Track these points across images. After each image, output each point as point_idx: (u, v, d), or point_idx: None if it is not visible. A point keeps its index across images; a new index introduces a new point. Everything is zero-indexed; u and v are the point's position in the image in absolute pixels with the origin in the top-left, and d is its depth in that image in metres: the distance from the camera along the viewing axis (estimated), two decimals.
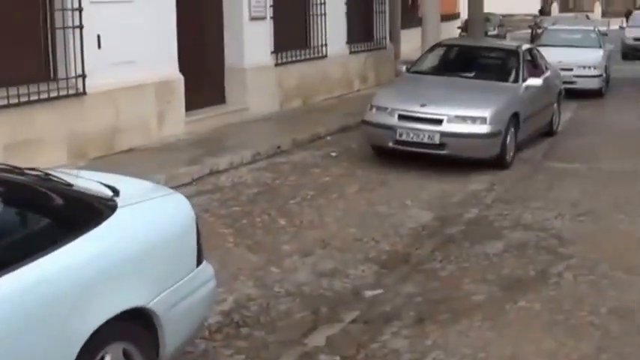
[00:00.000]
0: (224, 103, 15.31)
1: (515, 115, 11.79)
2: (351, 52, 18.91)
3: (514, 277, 7.23)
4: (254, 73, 15.33)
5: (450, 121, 11.10)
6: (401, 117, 11.33)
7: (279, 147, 12.63)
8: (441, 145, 11.07)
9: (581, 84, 19.28)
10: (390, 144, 11.37)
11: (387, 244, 8.18)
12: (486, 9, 58.08)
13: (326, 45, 17.71)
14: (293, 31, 16.99)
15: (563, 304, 6.56)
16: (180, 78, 13.06)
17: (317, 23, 17.61)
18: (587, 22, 27.58)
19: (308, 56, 17.19)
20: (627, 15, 42.46)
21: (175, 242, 4.83)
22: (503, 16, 58.76)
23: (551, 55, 19.83)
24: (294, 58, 16.68)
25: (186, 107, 13.30)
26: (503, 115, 11.45)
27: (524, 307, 6.51)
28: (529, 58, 13.81)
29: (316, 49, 17.58)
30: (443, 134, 11.03)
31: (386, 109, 11.55)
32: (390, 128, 11.31)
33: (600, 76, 19.63)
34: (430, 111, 11.23)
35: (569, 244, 8.16)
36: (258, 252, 7.90)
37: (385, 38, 20.79)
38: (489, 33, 39.33)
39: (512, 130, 11.68)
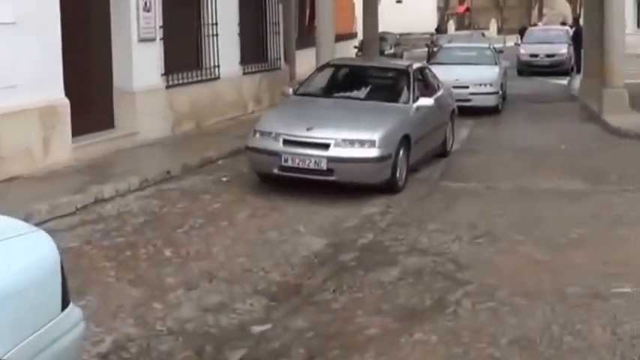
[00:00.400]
0: (113, 127, 14.76)
1: (407, 137, 11.26)
2: (244, 73, 18.51)
3: (410, 307, 6.87)
4: (144, 95, 14.81)
5: (337, 145, 10.52)
6: (286, 142, 10.71)
7: (168, 172, 12.12)
8: (329, 171, 10.49)
9: (478, 101, 19.31)
10: (276, 170, 10.74)
11: (278, 275, 7.75)
12: (383, 28, 58.52)
13: (218, 66, 17.31)
14: (184, 53, 16.54)
15: (462, 335, 6.21)
16: (66, 102, 12.44)
17: (209, 44, 17.20)
18: (482, 40, 27.85)
19: (200, 78, 16.75)
20: (522, 32, 43.22)
21: (35, 286, 4.33)
22: (400, 34, 59.43)
23: (447, 73, 19.88)
24: (185, 80, 16.21)
25: (73, 132, 12.65)
26: (394, 138, 10.91)
27: (420, 340, 6.14)
28: (420, 77, 13.44)
29: (209, 71, 17.16)
30: (330, 159, 10.44)
31: (270, 133, 10.92)
32: (275, 154, 10.69)
33: (496, 93, 19.70)
34: (316, 135, 10.66)
35: (467, 268, 7.84)
36: (141, 286, 7.40)
37: (279, 59, 20.47)
38: (386, 52, 39.52)
39: (404, 152, 11.15)
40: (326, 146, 10.50)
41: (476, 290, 7.25)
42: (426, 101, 12.08)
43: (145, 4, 14.86)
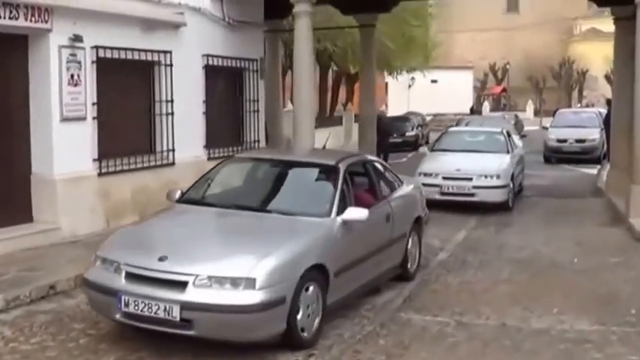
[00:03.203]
0: (31, 221, 12.29)
1: (320, 269, 7.88)
2: (210, 158, 15.83)
3: None
4: (67, 184, 12.49)
5: (199, 284, 7.11)
6: (130, 276, 7.38)
7: (52, 287, 9.51)
8: (185, 323, 7.07)
9: (483, 196, 16.48)
10: (118, 317, 7.40)
11: None
12: (415, 108, 56.47)
13: (173, 150, 14.75)
14: (129, 134, 14.10)
15: None
16: None
17: (162, 124, 14.66)
18: (501, 123, 24.86)
19: (148, 164, 14.18)
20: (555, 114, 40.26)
21: None
22: (435, 115, 57.18)
23: (448, 162, 17.31)
24: (127, 167, 13.69)
25: None
26: (291, 272, 7.43)
27: None
28: (361, 176, 10.13)
29: (161, 155, 14.60)
30: (186, 306, 7.02)
31: (112, 263, 7.60)
32: (114, 294, 7.35)
33: (505, 186, 16.72)
34: (170, 268, 7.25)
35: None
36: None
37: (258, 141, 17.83)
38: (407, 134, 36.98)
39: (314, 291, 7.79)
40: (182, 285, 7.14)
41: None
42: (356, 213, 8.61)
43: (72, 77, 12.41)
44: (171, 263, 7.33)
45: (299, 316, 7.53)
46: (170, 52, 14.71)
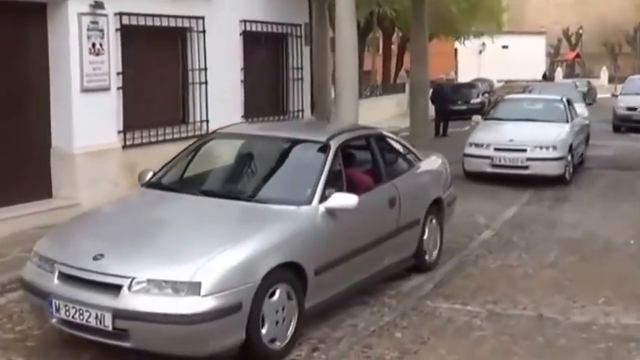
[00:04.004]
0: (51, 196, 11.82)
1: (293, 267, 6.65)
2: None
3: None
4: (87, 158, 11.84)
5: (135, 289, 5.98)
6: (63, 277, 6.34)
7: None
8: (120, 333, 6.01)
9: (537, 169, 15.38)
10: (54, 321, 6.39)
11: None
12: (485, 74, 54.93)
13: (207, 121, 14.00)
14: (158, 105, 13.39)
15: None
16: None
17: (195, 94, 13.95)
18: (566, 90, 23.45)
19: (179, 135, 13.46)
20: None
21: None
22: (506, 82, 55.58)
23: (500, 132, 16.32)
24: (155, 139, 13.00)
25: None
26: (249, 273, 6.19)
27: None
28: (363, 153, 8.76)
29: (195, 126, 13.92)
30: (119, 314, 5.94)
31: (48, 261, 6.54)
32: (46, 297, 6.35)
33: (562, 158, 15.53)
34: (103, 269, 6.16)
35: None
36: None
37: (302, 110, 17.00)
38: (472, 101, 35.76)
39: (282, 295, 6.51)
40: (116, 290, 6.02)
41: None
42: (342, 200, 7.21)
43: (93, 46, 11.74)
44: (106, 263, 6.18)
45: (265, 325, 6.34)
46: (203, 18, 13.94)
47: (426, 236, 9.17)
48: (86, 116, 11.77)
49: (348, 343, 6.96)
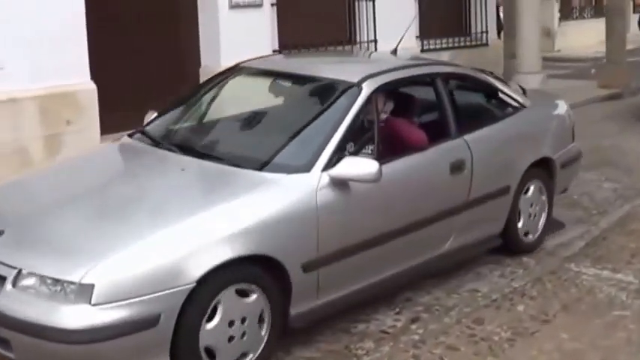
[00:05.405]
0: None
1: (266, 262, 4.71)
2: (423, 50, 13.94)
3: None
4: None
5: (21, 285, 4.28)
6: None
7: None
8: (4, 340, 4.30)
9: None
10: None
11: None
12: None
13: (375, 41, 12.97)
14: (318, 23, 12.50)
15: None
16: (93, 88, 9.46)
17: (360, 12, 12.96)
18: None
19: None
20: None
21: None
22: None
23: None
24: None
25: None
26: (177, 273, 4.31)
27: None
28: (418, 100, 6.45)
29: (361, 46, 12.95)
30: None
31: None
32: None
33: None
34: None
35: None
36: None
37: (487, 32, 15.55)
38: None
39: (239, 303, 4.62)
40: (1, 282, 4.34)
41: None
42: (355, 167, 5.10)
43: None
44: (1, 245, 4.53)
45: (213, 342, 4.50)
46: None
47: (521, 207, 6.94)
48: (235, 34, 11.08)
49: (458, 314, 5.83)
